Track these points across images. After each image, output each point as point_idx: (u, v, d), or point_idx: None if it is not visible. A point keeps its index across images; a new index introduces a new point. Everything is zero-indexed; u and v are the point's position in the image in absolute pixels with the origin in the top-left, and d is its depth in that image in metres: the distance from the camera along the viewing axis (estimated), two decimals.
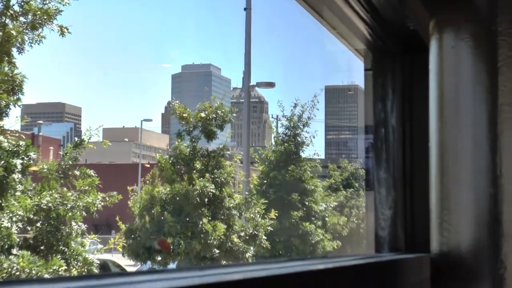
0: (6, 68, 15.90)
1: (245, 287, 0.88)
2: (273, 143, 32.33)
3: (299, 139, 31.18)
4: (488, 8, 1.53)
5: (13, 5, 15.95)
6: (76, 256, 16.25)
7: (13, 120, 18.12)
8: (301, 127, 31.24)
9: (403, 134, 2.00)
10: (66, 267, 15.58)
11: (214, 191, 23.13)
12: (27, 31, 16.07)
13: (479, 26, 1.55)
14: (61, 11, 16.29)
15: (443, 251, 1.58)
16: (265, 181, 30.59)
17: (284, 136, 31.22)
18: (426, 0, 1.70)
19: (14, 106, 16.24)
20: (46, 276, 14.25)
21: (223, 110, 24.03)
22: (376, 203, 2.04)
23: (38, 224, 16.10)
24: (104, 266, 25.21)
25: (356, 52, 2.24)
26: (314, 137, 32.52)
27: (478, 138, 1.52)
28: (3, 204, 15.27)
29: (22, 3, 16.02)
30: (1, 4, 15.84)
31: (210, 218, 22.83)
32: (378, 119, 2.03)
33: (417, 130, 1.98)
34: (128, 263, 30.55)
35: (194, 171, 23.57)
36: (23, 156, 15.86)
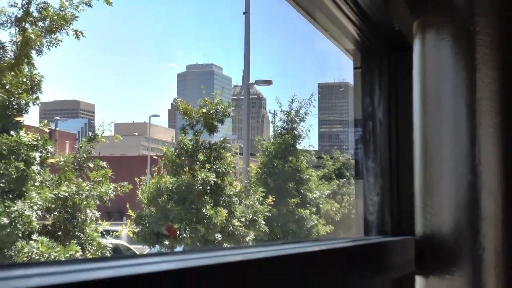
0: (26, 69, 15.94)
1: (244, 267, 0.87)
2: (272, 135, 32.38)
3: (295, 132, 31.22)
4: (467, 10, 1.53)
5: (33, 11, 16.00)
6: (91, 241, 16.33)
7: (36, 121, 18.23)
8: (298, 121, 31.30)
9: (389, 126, 2.00)
10: (81, 252, 15.66)
11: (215, 180, 23.23)
12: (45, 35, 16.11)
13: (458, 27, 1.54)
14: (77, 17, 16.36)
15: (426, 234, 1.58)
16: (264, 171, 30.68)
17: (282, 129, 31.28)
18: (410, 3, 1.70)
19: (33, 104, 16.30)
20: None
21: (222, 105, 24.16)
22: (364, 190, 2.03)
23: (56, 212, 16.19)
24: (116, 250, 25.24)
25: (346, 52, 2.24)
26: (309, 130, 32.61)
27: (458, 130, 1.51)
28: (25, 195, 15.33)
29: (41, 10, 16.05)
30: (22, 10, 15.89)
31: (212, 205, 22.92)
32: (366, 113, 2.03)
33: (402, 122, 1.98)
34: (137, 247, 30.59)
35: (198, 162, 23.65)
36: (41, 149, 15.93)
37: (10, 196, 15.44)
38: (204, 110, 23.85)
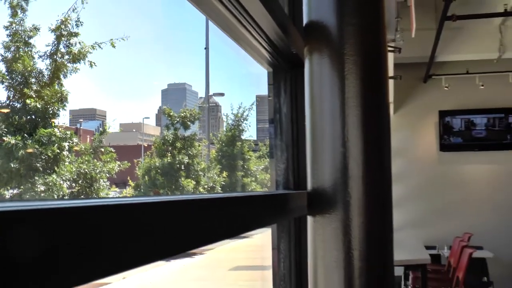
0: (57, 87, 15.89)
1: (202, 202, 0.88)
2: (225, 129, 32.45)
3: (240, 128, 31.32)
4: (338, 40, 1.54)
5: (60, 48, 15.97)
6: None
7: (66, 122, 18.15)
8: (242, 120, 31.42)
9: (291, 117, 2.01)
10: None
11: (188, 160, 23.37)
12: (69, 64, 16.06)
13: (333, 50, 1.56)
14: (91, 52, 16.31)
15: (314, 188, 1.59)
16: (220, 154, 30.72)
17: (231, 126, 31.38)
18: (302, 36, 1.71)
19: (63, 110, 16.29)
20: None
21: (194, 112, 24.57)
22: (275, 161, 2.05)
23: (80, 182, 16.17)
24: None
25: (266, 71, 2.25)
26: (249, 126, 32.70)
27: (334, 118, 1.53)
28: (57, 170, 15.33)
29: (66, 46, 16.02)
30: (53, 47, 15.85)
31: (185, 177, 23.06)
32: (275, 108, 2.04)
33: (299, 114, 2.00)
34: None
35: (176, 149, 23.79)
36: (69, 141, 15.93)
37: (48, 171, 15.43)
38: (182, 114, 24.32)
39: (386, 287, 1.60)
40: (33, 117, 15.72)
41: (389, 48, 7.43)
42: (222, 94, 40.97)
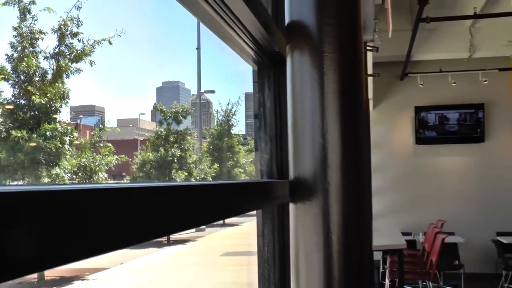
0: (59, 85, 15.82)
1: (195, 188, 0.88)
2: (215, 124, 32.46)
3: (230, 123, 31.35)
4: (318, 39, 1.54)
5: (62, 48, 15.89)
6: None
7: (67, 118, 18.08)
8: (231, 115, 31.45)
9: (275, 111, 2.01)
10: None
11: (180, 153, 23.38)
12: (70, 64, 15.98)
13: (313, 48, 1.55)
14: (92, 52, 16.21)
15: (296, 177, 1.59)
16: (211, 147, 30.75)
17: (221, 121, 31.40)
18: (284, 34, 1.71)
19: (65, 106, 16.25)
20: None
21: (186, 108, 24.62)
22: (260, 152, 2.05)
23: (80, 174, 16.14)
24: None
25: (252, 70, 2.24)
26: (238, 121, 32.81)
27: (314, 111, 1.53)
28: (59, 163, 15.30)
29: (68, 46, 15.95)
30: (57, 48, 15.80)
31: (178, 170, 23.08)
32: (260, 103, 2.04)
33: (282, 108, 2.00)
34: None
35: (169, 143, 23.82)
36: (70, 135, 15.89)
37: (51, 164, 15.40)
38: (174, 110, 24.39)
39: (364, 270, 1.61)
40: (37, 113, 15.68)
41: (368, 48, 7.43)
42: (213, 91, 41.16)
